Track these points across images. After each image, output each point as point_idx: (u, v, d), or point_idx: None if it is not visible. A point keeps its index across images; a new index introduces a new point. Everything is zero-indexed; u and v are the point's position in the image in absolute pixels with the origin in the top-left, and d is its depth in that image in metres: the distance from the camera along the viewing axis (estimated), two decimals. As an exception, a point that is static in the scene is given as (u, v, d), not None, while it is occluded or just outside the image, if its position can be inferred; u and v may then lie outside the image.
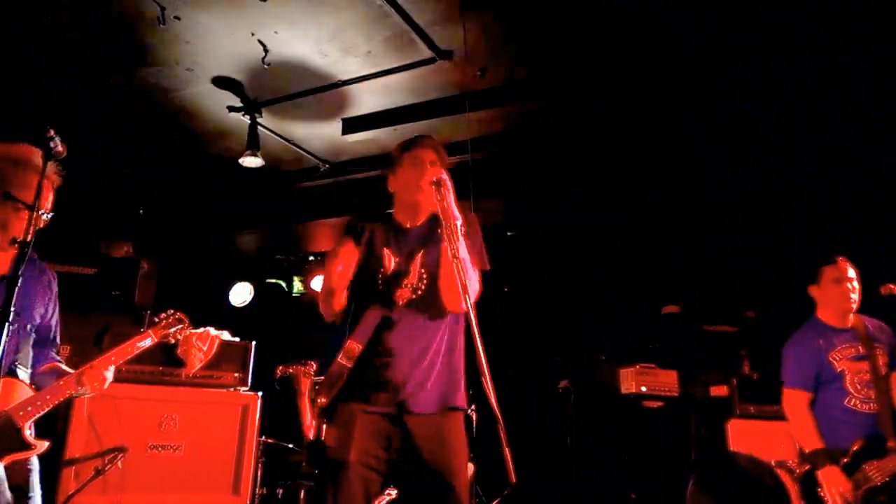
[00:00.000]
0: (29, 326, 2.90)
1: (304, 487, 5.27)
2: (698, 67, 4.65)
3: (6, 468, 2.72)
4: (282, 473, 5.61)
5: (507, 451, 2.30)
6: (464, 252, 2.65)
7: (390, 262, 3.03)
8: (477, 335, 2.42)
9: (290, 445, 5.48)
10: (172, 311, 3.33)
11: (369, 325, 2.92)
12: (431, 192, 2.77)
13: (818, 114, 5.04)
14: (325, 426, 2.84)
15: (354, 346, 2.88)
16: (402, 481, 2.85)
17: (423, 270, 2.99)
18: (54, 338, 3.10)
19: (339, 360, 2.89)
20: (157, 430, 4.55)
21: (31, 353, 2.93)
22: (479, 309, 2.53)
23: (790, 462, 5.10)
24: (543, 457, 6.10)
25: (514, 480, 2.29)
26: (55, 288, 3.12)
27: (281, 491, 5.42)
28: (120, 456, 4.25)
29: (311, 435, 2.81)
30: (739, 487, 2.03)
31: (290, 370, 3.05)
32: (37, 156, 2.81)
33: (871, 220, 6.09)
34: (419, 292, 2.97)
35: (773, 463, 4.88)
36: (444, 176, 2.79)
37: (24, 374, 2.85)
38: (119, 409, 4.34)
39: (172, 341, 3.32)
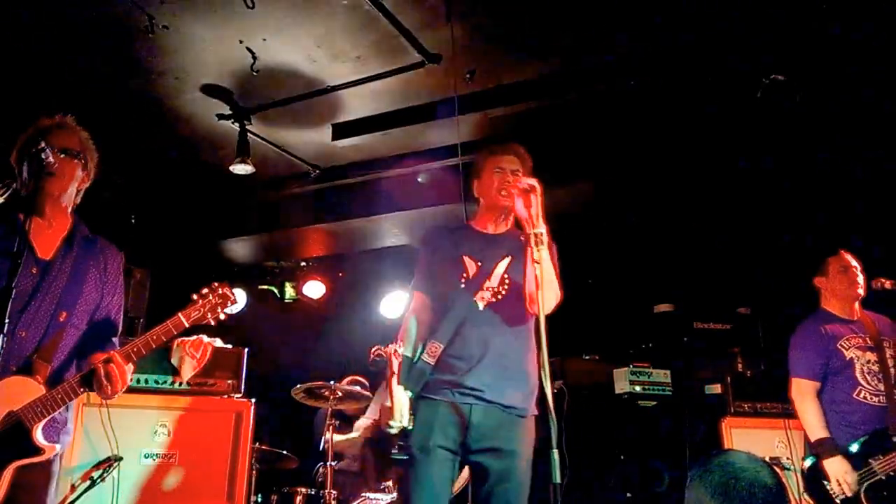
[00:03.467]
0: (66, 316, 2.68)
1: (300, 494, 5.26)
2: (691, 66, 4.66)
3: (18, 482, 2.51)
4: (276, 480, 5.60)
5: (556, 451, 2.44)
6: (547, 259, 2.89)
7: (471, 267, 3.22)
8: (544, 340, 2.66)
9: (284, 452, 5.47)
10: (217, 284, 2.89)
11: (450, 327, 3.14)
12: (521, 197, 2.94)
13: (810, 111, 5.06)
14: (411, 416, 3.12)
15: (436, 346, 3.12)
16: (477, 465, 3.09)
17: (506, 276, 3.20)
18: (111, 324, 2.88)
19: (423, 358, 3.15)
20: (150, 439, 4.53)
21: (66, 348, 2.70)
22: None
23: (785, 458, 5.12)
24: (537, 457, 6.10)
25: (558, 481, 2.42)
26: (113, 271, 2.91)
27: (275, 498, 5.41)
28: (115, 466, 4.22)
29: (398, 420, 3.07)
30: (737, 485, 2.04)
31: (382, 352, 3.20)
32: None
33: (862, 217, 6.13)
34: (500, 296, 3.17)
35: (767, 459, 4.89)
36: (535, 183, 2.93)
37: (44, 369, 2.60)
38: (112, 417, 4.32)
39: (213, 323, 2.87)
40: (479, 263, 3.22)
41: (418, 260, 3.43)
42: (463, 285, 3.19)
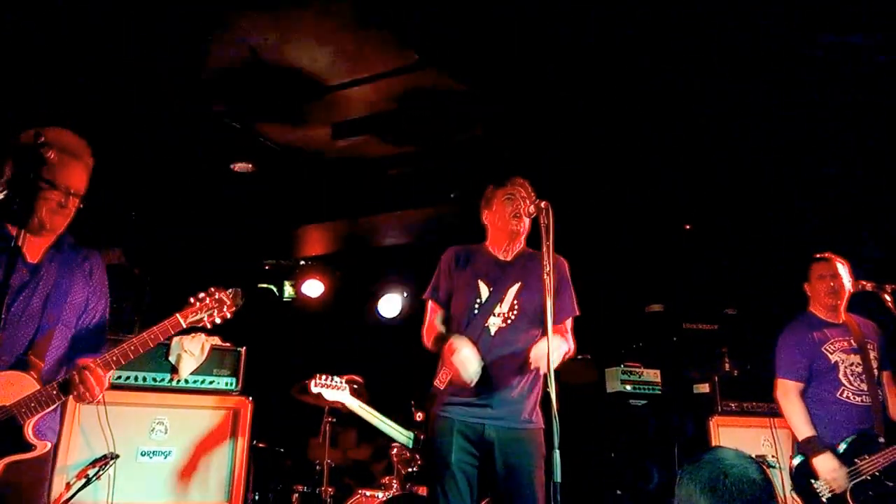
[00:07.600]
0: (55, 317, 2.73)
1: (297, 492, 5.29)
2: (678, 65, 4.70)
3: (9, 479, 2.52)
4: (274, 478, 5.63)
5: (557, 451, 2.66)
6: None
7: (484, 291, 3.44)
8: (551, 348, 2.82)
9: (282, 450, 5.51)
10: (214, 290, 2.95)
11: None
12: (534, 216, 3.15)
13: (798, 113, 5.10)
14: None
15: (447, 373, 3.30)
16: (492, 484, 3.28)
17: (516, 301, 3.40)
18: (97, 328, 2.92)
19: (435, 384, 3.36)
20: (147, 437, 4.57)
21: (58, 346, 2.74)
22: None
23: (770, 456, 5.18)
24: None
25: (559, 480, 2.61)
26: (98, 276, 2.97)
27: (273, 496, 5.44)
28: (111, 463, 4.24)
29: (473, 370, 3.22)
30: (726, 481, 2.09)
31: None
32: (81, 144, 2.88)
33: (851, 217, 6.17)
34: (509, 321, 3.37)
35: (753, 457, 4.94)
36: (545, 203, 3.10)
37: (39, 365, 2.63)
38: (109, 415, 4.34)
39: (209, 326, 2.93)
40: (492, 288, 3.42)
41: (437, 275, 3.62)
42: (476, 310, 3.38)
